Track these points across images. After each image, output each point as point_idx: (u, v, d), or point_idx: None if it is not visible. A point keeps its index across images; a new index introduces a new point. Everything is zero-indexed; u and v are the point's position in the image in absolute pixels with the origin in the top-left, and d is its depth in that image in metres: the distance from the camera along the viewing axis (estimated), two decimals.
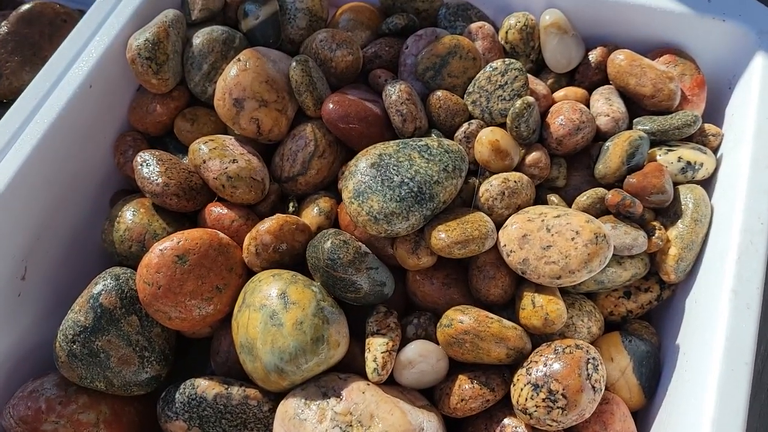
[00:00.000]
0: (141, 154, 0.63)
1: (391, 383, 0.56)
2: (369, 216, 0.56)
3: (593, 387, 0.51)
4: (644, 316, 0.63)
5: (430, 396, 0.57)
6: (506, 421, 0.54)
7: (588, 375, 0.51)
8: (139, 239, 0.62)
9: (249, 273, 0.61)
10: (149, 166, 0.62)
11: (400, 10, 0.73)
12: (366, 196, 0.56)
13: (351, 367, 0.57)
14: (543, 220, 0.56)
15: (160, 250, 0.57)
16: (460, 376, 0.55)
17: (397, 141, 0.60)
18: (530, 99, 0.61)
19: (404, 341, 0.57)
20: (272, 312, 0.54)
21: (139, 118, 0.70)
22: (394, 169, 0.57)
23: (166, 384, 0.59)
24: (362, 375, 0.55)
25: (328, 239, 0.56)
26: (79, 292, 0.59)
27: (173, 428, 0.56)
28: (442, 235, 0.55)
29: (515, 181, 0.59)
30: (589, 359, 0.51)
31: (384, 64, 0.70)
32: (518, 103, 0.61)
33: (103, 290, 0.58)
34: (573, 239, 0.54)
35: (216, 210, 0.63)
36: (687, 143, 0.63)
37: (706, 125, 0.64)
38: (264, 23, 0.70)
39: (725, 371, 0.48)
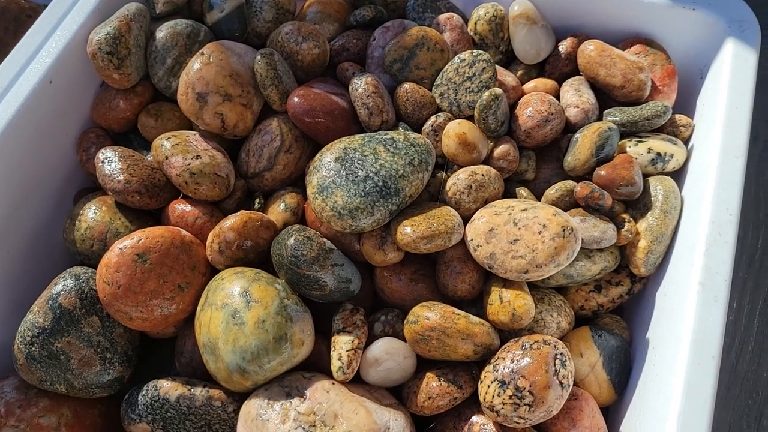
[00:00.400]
0: (103, 150, 0.62)
1: (357, 382, 0.55)
2: (333, 211, 0.55)
3: (561, 383, 0.50)
4: (616, 310, 0.62)
5: (398, 394, 0.56)
6: (474, 418, 0.53)
7: (555, 371, 0.50)
8: (100, 238, 0.61)
9: (213, 271, 0.59)
10: (111, 162, 0.61)
11: (369, 2, 0.71)
12: (330, 191, 0.55)
13: (317, 365, 0.56)
14: (510, 214, 0.55)
15: (120, 248, 0.55)
16: (428, 374, 0.54)
17: (363, 135, 0.59)
18: (498, 91, 0.60)
19: (371, 339, 0.56)
20: (234, 311, 0.53)
21: (102, 114, 0.68)
22: (358, 164, 0.56)
23: (130, 385, 0.58)
24: (328, 374, 0.54)
25: (291, 236, 0.55)
26: (41, 293, 0.58)
27: (137, 431, 0.55)
28: (408, 230, 0.54)
29: (483, 175, 0.58)
30: (556, 355, 0.51)
31: (352, 56, 0.69)
32: (486, 94, 0.60)
33: (62, 290, 0.56)
34: (540, 233, 0.53)
35: (179, 207, 0.61)
36: (657, 134, 0.62)
37: (677, 116, 0.63)
38: (229, 16, 0.68)
39: (692, 365, 0.48)
